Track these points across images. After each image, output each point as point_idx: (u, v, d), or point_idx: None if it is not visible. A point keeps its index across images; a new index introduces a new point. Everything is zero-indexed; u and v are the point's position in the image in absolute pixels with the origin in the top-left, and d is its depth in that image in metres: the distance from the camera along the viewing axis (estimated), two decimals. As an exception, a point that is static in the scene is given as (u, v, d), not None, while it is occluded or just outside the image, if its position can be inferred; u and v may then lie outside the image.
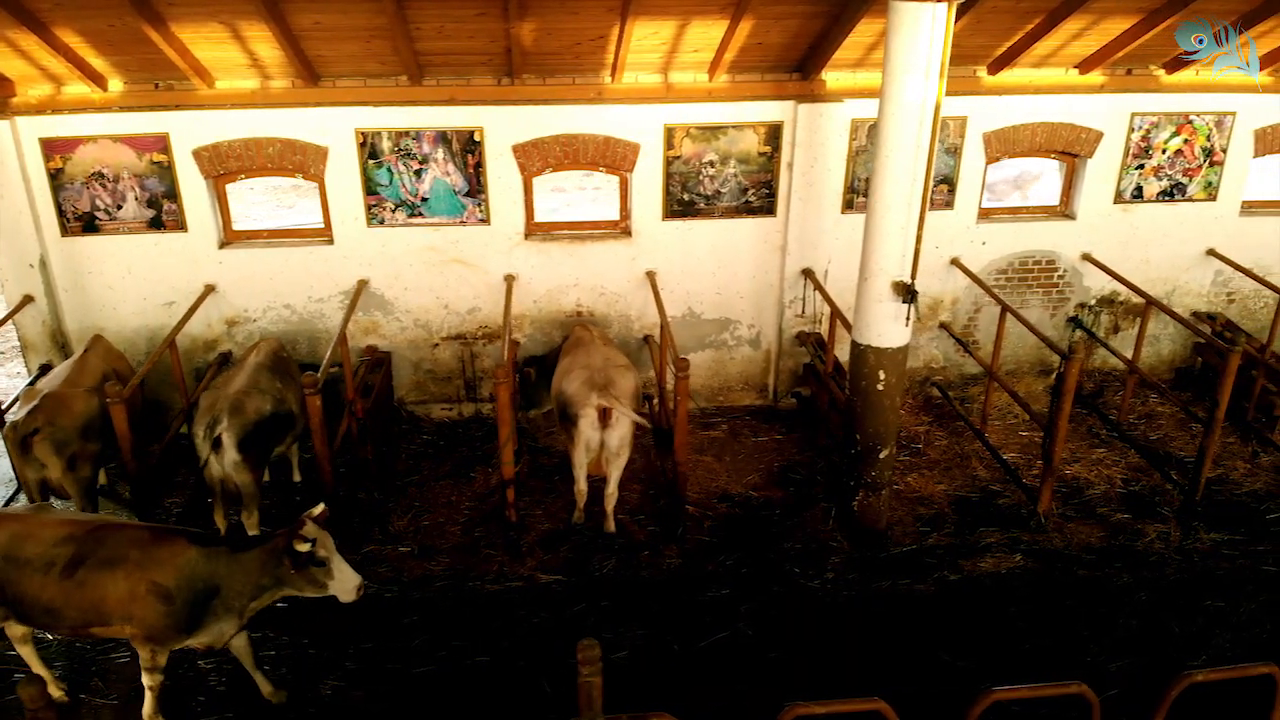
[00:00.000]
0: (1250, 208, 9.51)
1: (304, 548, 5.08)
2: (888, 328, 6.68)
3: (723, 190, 8.60)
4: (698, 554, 7.38)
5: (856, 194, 8.69)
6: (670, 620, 6.63)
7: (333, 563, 5.21)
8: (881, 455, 7.14)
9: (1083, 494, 8.12)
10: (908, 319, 6.53)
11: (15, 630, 5.58)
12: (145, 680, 5.39)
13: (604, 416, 6.97)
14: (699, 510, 7.87)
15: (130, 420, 6.97)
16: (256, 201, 17.02)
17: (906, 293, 6.40)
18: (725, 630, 6.54)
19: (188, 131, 7.98)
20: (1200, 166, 9.07)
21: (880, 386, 6.87)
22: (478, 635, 6.39)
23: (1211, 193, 9.21)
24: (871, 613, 6.77)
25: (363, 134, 8.04)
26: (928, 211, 8.78)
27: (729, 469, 8.56)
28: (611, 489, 7.35)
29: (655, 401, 8.78)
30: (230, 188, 8.61)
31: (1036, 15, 7.58)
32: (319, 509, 5.33)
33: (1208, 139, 8.96)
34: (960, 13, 7.19)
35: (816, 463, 8.55)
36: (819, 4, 7.19)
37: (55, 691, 5.74)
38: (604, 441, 7.07)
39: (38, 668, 5.76)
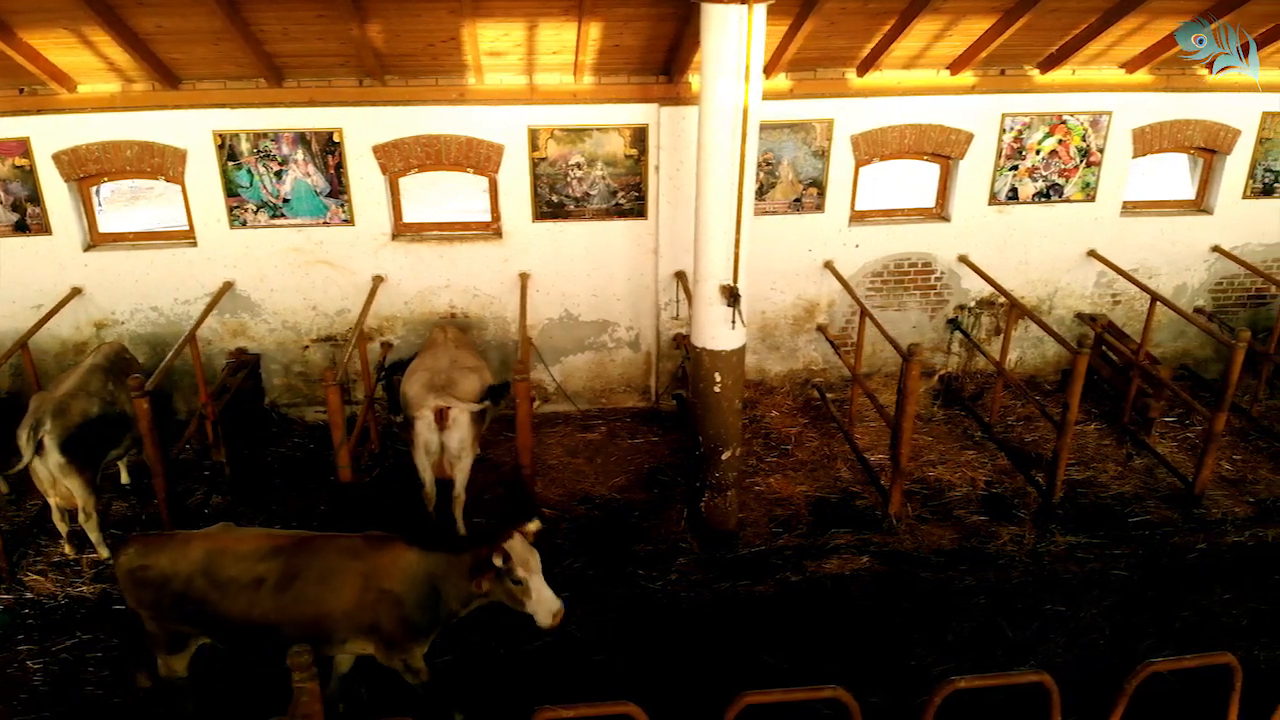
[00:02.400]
0: (1132, 208, 9.45)
1: (497, 561, 4.93)
2: (719, 330, 6.67)
3: (592, 192, 8.58)
4: (548, 557, 7.32)
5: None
6: (504, 625, 6.62)
7: (532, 583, 5.02)
8: (724, 456, 7.12)
9: (944, 495, 8.09)
10: (733, 322, 6.52)
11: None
12: (413, 681, 5.35)
13: (440, 418, 6.96)
14: (556, 513, 7.85)
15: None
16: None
17: (730, 295, 6.39)
18: (554, 634, 6.52)
19: (48, 135, 7.97)
20: (1077, 167, 9.02)
21: (717, 389, 6.86)
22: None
23: (1090, 194, 9.15)
24: (707, 614, 6.75)
25: (220, 136, 8.02)
26: (802, 215, 8.92)
27: (598, 471, 8.55)
28: (458, 492, 7.32)
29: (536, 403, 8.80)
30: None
31: (889, 16, 7.54)
32: (533, 524, 5.19)
33: (1083, 139, 8.91)
34: (805, 15, 7.19)
35: (685, 464, 8.53)
36: (663, 6, 7.16)
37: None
38: (444, 444, 7.05)
39: None
